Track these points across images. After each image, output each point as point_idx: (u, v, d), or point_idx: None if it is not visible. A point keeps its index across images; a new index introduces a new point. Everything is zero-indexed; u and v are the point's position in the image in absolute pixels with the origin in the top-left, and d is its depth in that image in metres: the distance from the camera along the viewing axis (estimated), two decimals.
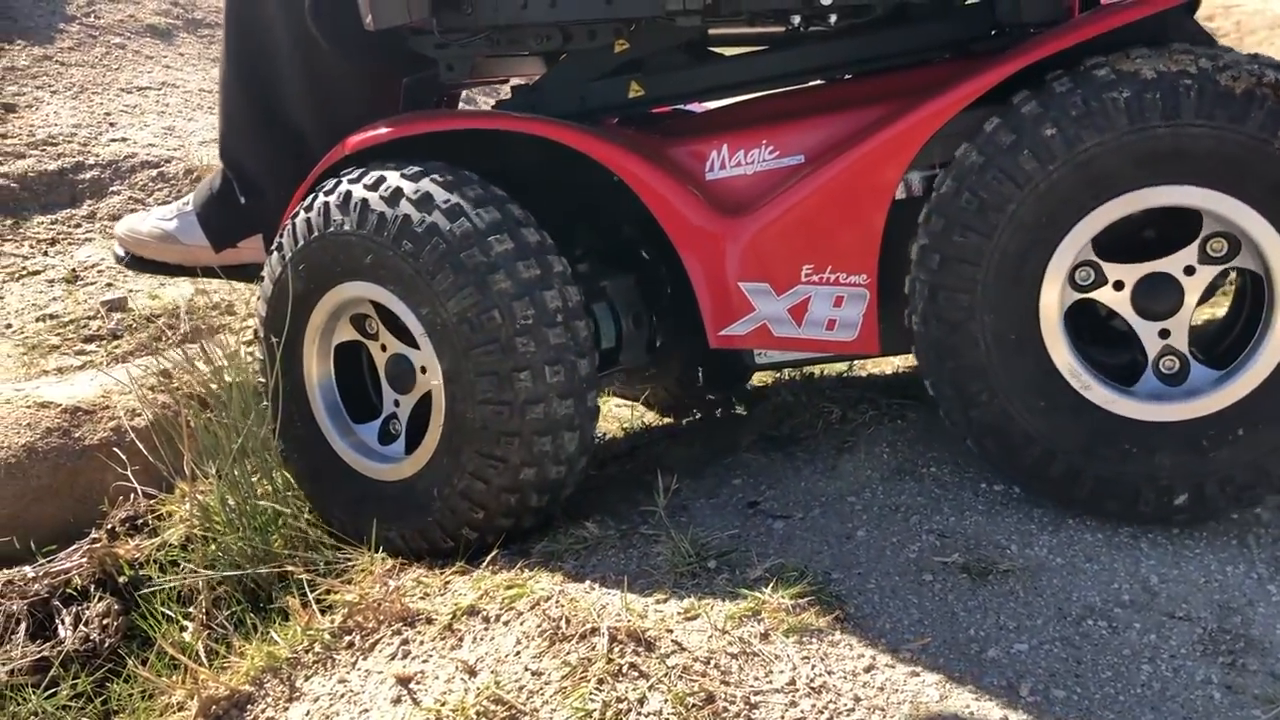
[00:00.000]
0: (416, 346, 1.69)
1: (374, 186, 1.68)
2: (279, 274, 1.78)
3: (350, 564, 1.70)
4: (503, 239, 1.64)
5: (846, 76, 1.90)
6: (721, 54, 1.99)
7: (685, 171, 1.75)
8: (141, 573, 1.93)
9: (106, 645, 1.82)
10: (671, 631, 1.39)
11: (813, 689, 1.29)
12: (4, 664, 1.72)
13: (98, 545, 1.98)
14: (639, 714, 1.27)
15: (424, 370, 1.71)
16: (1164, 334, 1.56)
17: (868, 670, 1.34)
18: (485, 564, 1.64)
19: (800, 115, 1.76)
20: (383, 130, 1.76)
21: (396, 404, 1.79)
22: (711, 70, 1.89)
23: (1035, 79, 1.54)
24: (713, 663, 1.34)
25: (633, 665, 1.33)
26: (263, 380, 1.84)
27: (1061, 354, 1.57)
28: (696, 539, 1.59)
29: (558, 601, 1.47)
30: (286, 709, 1.45)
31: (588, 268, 1.90)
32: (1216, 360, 1.57)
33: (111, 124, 3.62)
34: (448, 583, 1.65)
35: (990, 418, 1.60)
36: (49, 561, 1.95)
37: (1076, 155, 1.50)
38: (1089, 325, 1.62)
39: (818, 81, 1.91)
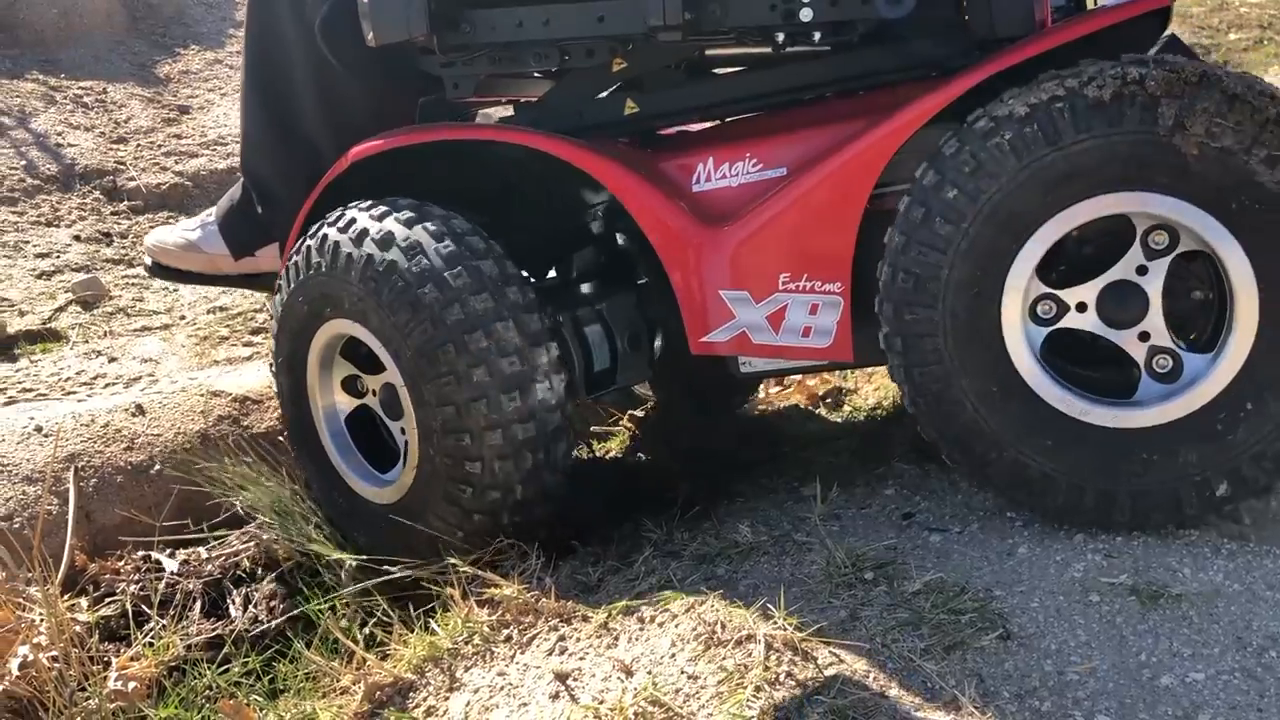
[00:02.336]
0: None
1: (345, 228, 1.79)
2: (280, 311, 1.92)
3: (502, 560, 1.75)
4: (458, 274, 1.71)
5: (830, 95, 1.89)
6: (717, 74, 2.00)
7: (673, 183, 1.81)
8: (302, 559, 2.01)
9: (273, 626, 1.91)
10: (829, 642, 1.38)
11: (976, 709, 1.27)
12: (183, 639, 1.82)
13: (262, 530, 2.07)
14: None
15: None
16: (1144, 337, 1.57)
17: (1032, 693, 1.31)
18: (639, 563, 1.66)
19: (784, 130, 1.80)
20: (381, 142, 1.85)
21: (403, 431, 1.84)
22: (702, 88, 1.92)
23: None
24: (872, 677, 1.33)
25: (790, 674, 1.33)
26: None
27: (1049, 390, 1.57)
28: (852, 549, 1.57)
29: (713, 606, 1.47)
30: (447, 699, 1.49)
31: (587, 288, 1.96)
32: (1206, 344, 1.57)
33: None
34: (601, 581, 1.67)
35: (1007, 471, 1.61)
36: (221, 544, 2.05)
37: (983, 208, 1.53)
38: (1078, 346, 1.61)
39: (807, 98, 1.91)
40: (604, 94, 1.91)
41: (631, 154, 1.88)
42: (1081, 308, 1.58)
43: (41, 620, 1.71)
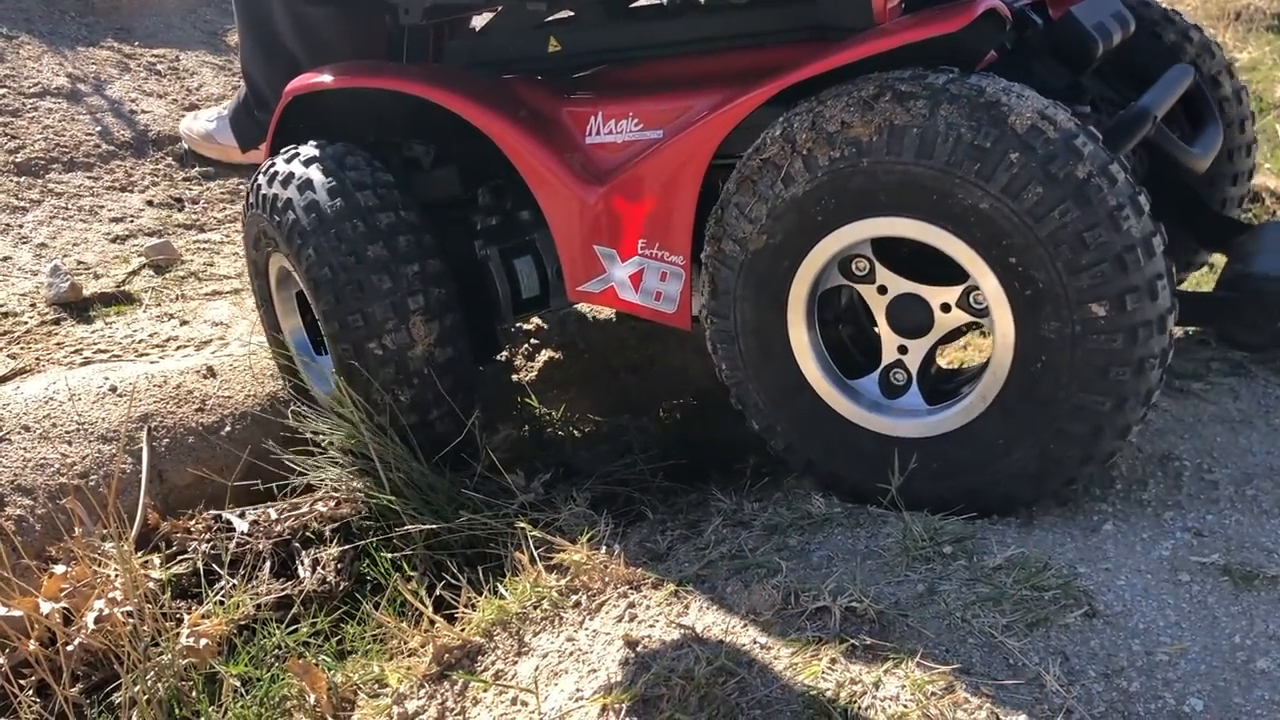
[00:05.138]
0: None
1: (265, 172, 1.99)
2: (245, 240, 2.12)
3: (565, 523, 1.73)
4: (358, 225, 1.87)
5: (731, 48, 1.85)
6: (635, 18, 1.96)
7: (567, 133, 1.86)
8: (368, 521, 2.01)
9: (341, 588, 1.91)
10: (906, 616, 1.34)
11: (1061, 688, 1.22)
12: (252, 599, 1.83)
13: (329, 494, 2.08)
14: (874, 697, 1.23)
15: None
16: (902, 350, 1.61)
17: (1120, 673, 1.26)
18: (708, 532, 1.63)
19: (668, 91, 1.80)
20: (296, 84, 2.04)
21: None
22: (621, 30, 1.90)
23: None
24: (951, 652, 1.29)
25: (868, 647, 1.29)
26: None
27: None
28: (929, 522, 1.53)
29: (786, 576, 1.44)
30: (516, 662, 1.48)
31: (525, 217, 2.06)
32: (940, 397, 1.62)
33: None
34: (670, 549, 1.65)
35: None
36: (290, 506, 2.06)
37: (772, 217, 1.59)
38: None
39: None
40: (531, 31, 1.95)
41: (528, 103, 1.91)
42: (882, 290, 1.60)
43: (116, 576, 1.73)
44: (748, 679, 1.29)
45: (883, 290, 1.59)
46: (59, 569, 1.78)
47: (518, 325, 2.61)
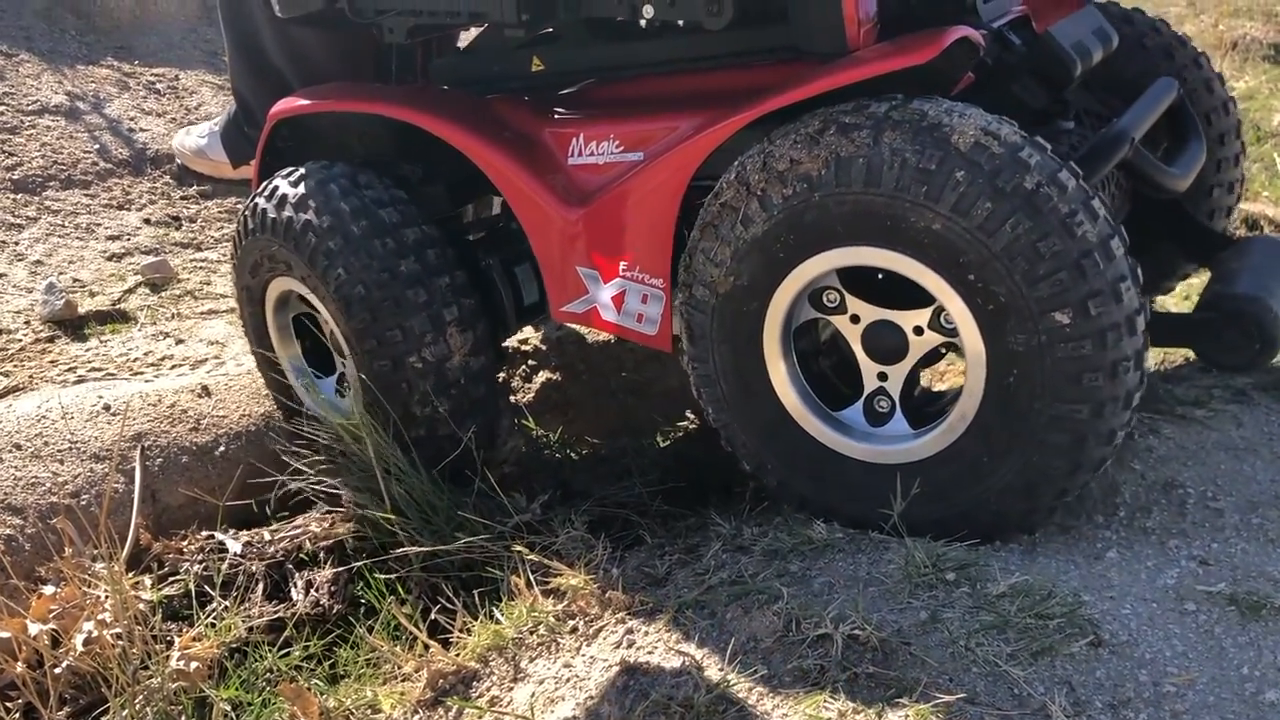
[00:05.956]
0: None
1: (270, 196, 1.96)
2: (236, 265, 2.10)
3: (563, 547, 1.71)
4: (387, 243, 1.86)
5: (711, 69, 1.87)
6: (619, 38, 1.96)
7: (550, 154, 1.86)
8: (363, 542, 1.99)
9: (334, 611, 1.88)
10: (909, 644, 1.32)
11: (1067, 718, 1.20)
12: (244, 621, 1.80)
13: (325, 514, 2.05)
14: None
15: None
16: (882, 376, 1.62)
17: (1127, 704, 1.24)
18: (708, 557, 1.61)
19: (649, 110, 1.81)
20: (278, 108, 2.04)
21: (342, 364, 2.04)
22: (603, 50, 1.90)
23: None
24: (956, 681, 1.27)
25: (870, 676, 1.27)
26: None
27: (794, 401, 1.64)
28: (932, 549, 1.51)
29: (787, 603, 1.42)
30: (512, 689, 1.46)
31: (515, 228, 2.04)
32: (923, 420, 1.61)
33: None
34: (669, 574, 1.63)
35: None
36: (283, 526, 2.03)
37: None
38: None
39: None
40: (515, 50, 1.95)
41: (511, 124, 1.92)
42: (855, 319, 1.61)
43: (106, 597, 1.70)
44: (748, 708, 1.27)
45: (855, 319, 1.61)
46: (48, 589, 1.76)
47: (515, 346, 2.60)
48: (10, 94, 3.47)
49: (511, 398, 2.51)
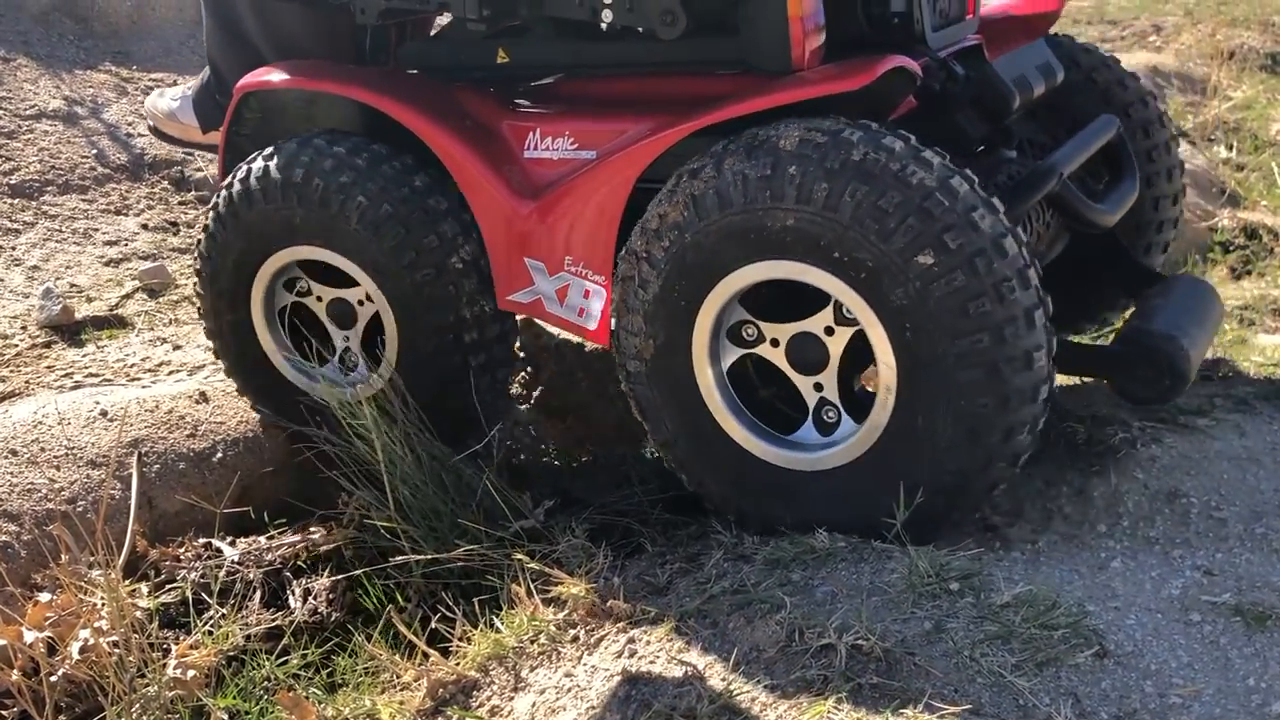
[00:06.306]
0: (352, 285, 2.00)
1: (259, 170, 1.97)
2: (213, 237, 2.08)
3: (563, 555, 1.69)
4: (395, 165, 1.93)
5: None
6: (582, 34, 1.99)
7: (506, 146, 1.91)
8: (361, 551, 1.98)
9: (332, 619, 1.87)
10: (914, 654, 1.31)
11: None
12: (242, 629, 1.79)
13: (323, 522, 2.04)
14: None
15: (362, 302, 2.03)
16: (818, 387, 1.66)
17: (1133, 715, 1.23)
18: (709, 566, 1.60)
19: (605, 110, 1.87)
20: (244, 82, 2.06)
21: (347, 339, 2.07)
22: (566, 48, 1.94)
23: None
24: (960, 692, 1.26)
25: (874, 686, 1.26)
26: None
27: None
28: (935, 558, 1.50)
29: (790, 612, 1.41)
30: (512, 698, 1.45)
31: None
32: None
33: None
34: (670, 583, 1.62)
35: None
36: (281, 534, 2.02)
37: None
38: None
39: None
40: (483, 40, 1.97)
41: (471, 113, 1.95)
42: (775, 343, 1.66)
43: (103, 604, 1.69)
44: (752, 717, 1.26)
45: (775, 343, 1.67)
46: (44, 597, 1.74)
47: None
48: (8, 99, 3.46)
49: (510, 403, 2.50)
